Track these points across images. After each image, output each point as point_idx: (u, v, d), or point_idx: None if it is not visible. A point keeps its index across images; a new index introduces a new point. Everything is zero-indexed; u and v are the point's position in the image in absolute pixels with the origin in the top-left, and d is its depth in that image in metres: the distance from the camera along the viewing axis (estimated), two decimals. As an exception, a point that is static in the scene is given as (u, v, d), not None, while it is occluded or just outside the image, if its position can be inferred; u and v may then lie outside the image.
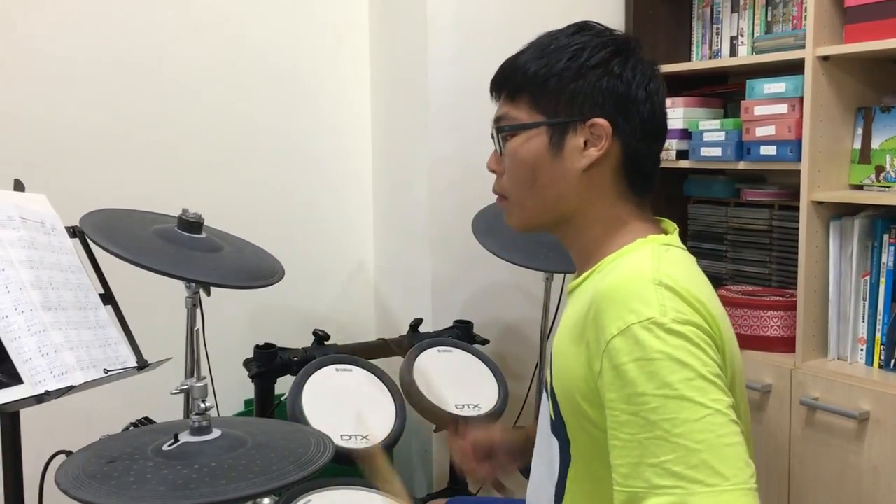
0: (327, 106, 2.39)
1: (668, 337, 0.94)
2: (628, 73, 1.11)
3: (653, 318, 0.95)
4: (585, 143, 1.10)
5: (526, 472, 1.29)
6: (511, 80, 1.14)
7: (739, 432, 0.93)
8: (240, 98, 2.23)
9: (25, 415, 1.32)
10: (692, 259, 1.13)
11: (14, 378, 1.17)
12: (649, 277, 0.99)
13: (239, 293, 2.06)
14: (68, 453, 1.27)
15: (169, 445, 1.21)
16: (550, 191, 1.12)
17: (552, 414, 1.12)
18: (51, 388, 1.19)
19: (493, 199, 1.21)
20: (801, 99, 1.82)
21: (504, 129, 1.14)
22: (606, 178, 1.12)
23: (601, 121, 1.09)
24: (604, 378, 0.98)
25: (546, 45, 1.12)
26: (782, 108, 1.88)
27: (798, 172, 1.82)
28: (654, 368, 0.93)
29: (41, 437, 1.43)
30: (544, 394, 1.18)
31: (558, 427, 1.11)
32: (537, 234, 1.23)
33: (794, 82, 1.86)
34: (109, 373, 1.30)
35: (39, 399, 1.18)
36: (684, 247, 1.15)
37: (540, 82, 1.11)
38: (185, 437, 1.23)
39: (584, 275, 1.13)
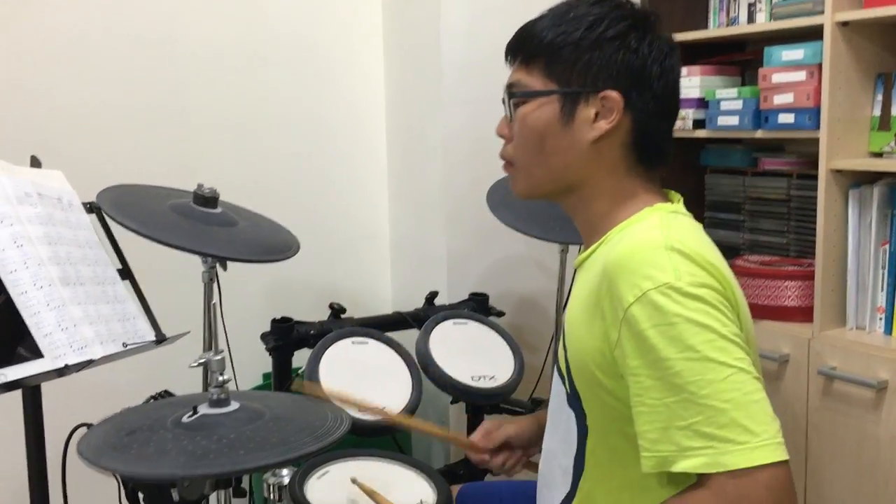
0: (341, 80, 2.38)
1: (685, 300, 0.94)
2: (645, 47, 1.09)
3: (668, 282, 0.95)
4: (596, 115, 1.09)
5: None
6: (526, 46, 1.13)
7: (762, 389, 0.95)
8: (254, 72, 2.23)
9: (47, 390, 1.34)
10: (699, 226, 1.12)
11: (34, 352, 1.18)
12: (660, 243, 0.99)
13: (255, 268, 2.07)
14: (89, 426, 1.29)
15: (188, 417, 1.22)
16: (558, 160, 1.12)
17: (567, 387, 1.13)
18: (70, 362, 1.20)
19: None
20: (820, 66, 1.79)
21: (516, 95, 1.13)
22: (615, 152, 1.11)
23: (613, 94, 1.08)
24: (623, 347, 0.98)
25: (564, 13, 1.11)
26: (801, 76, 1.85)
27: (816, 140, 1.79)
28: (676, 332, 0.93)
29: (63, 411, 1.45)
30: (556, 369, 1.19)
31: (573, 399, 1.11)
32: (551, 204, 1.22)
33: (813, 49, 1.83)
34: (128, 347, 1.31)
35: (60, 373, 1.19)
36: (690, 215, 1.15)
37: (555, 50, 1.10)
38: (203, 410, 1.24)
39: (592, 247, 1.13)
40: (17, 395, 1.31)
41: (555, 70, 1.10)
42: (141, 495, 1.39)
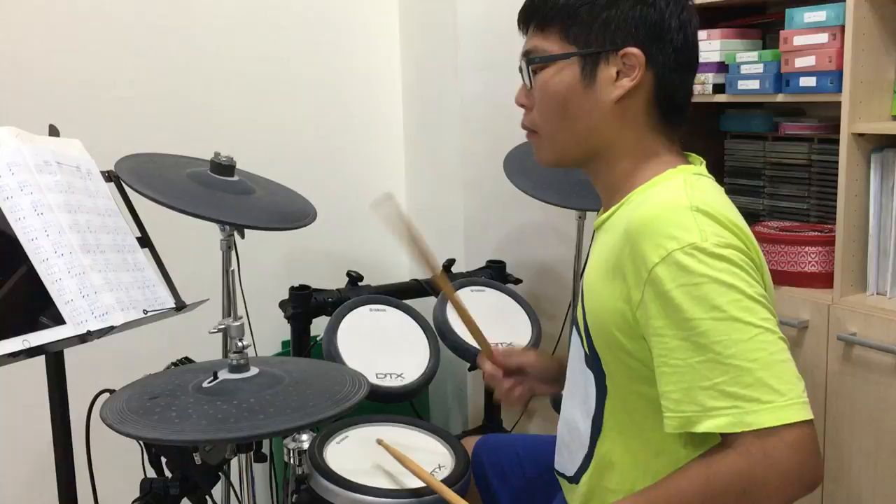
0: (357, 46, 2.37)
1: (711, 261, 0.94)
2: (661, 1, 1.08)
3: (694, 243, 0.95)
4: (618, 73, 1.08)
5: (557, 405, 1.29)
6: (541, 11, 1.12)
7: (787, 349, 0.95)
8: (270, 40, 2.22)
9: (70, 356, 1.36)
10: (722, 189, 1.12)
11: (57, 320, 1.20)
12: (685, 204, 0.99)
13: (273, 236, 2.08)
14: (112, 392, 1.31)
15: (208, 383, 1.24)
16: (582, 123, 1.11)
17: (586, 349, 1.13)
18: (92, 329, 1.21)
19: (525, 138, 1.20)
20: (843, 27, 1.76)
21: (534, 61, 1.12)
22: (639, 110, 1.10)
23: (634, 50, 1.07)
24: (647, 307, 0.98)
25: None
26: (823, 38, 1.82)
27: (838, 104, 1.76)
28: (702, 293, 0.93)
29: (86, 378, 1.47)
30: (574, 331, 1.19)
31: (593, 360, 1.12)
32: (569, 171, 1.22)
33: (836, 10, 1.79)
34: (148, 313, 1.32)
35: (82, 339, 1.21)
36: (713, 178, 1.14)
37: (571, 12, 1.08)
38: (223, 375, 1.26)
39: (613, 208, 1.12)
40: (41, 361, 1.33)
41: (572, 32, 1.09)
42: (164, 459, 1.41)
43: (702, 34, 2.12)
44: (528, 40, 1.15)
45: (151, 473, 1.43)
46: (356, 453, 1.45)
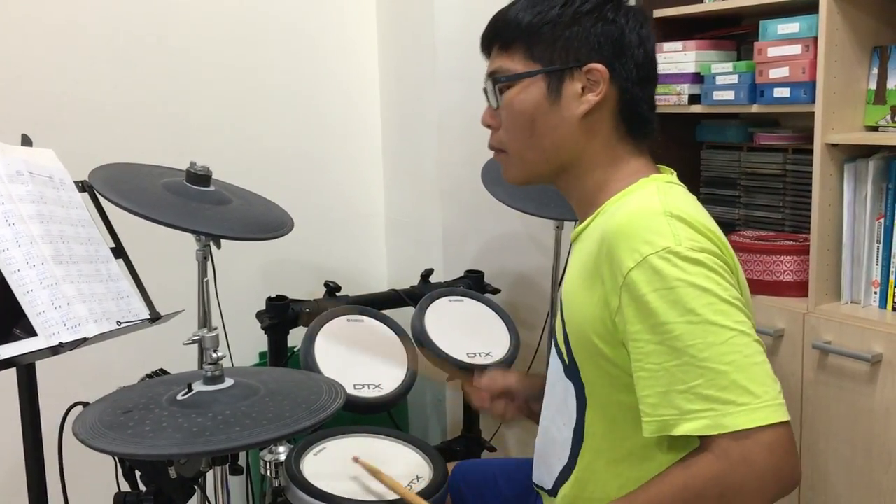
0: (334, 56, 2.36)
1: (685, 265, 0.95)
2: (621, 17, 1.11)
3: (668, 247, 0.96)
4: (583, 88, 1.10)
5: (537, 419, 1.30)
6: (504, 32, 1.14)
7: (763, 351, 0.96)
8: (246, 50, 2.21)
9: (43, 369, 1.34)
10: (694, 197, 1.13)
11: (28, 331, 1.18)
12: (659, 209, 1.00)
13: (250, 246, 2.07)
14: (85, 405, 1.29)
15: (183, 395, 1.22)
16: (549, 139, 1.12)
17: (565, 359, 1.13)
18: (64, 340, 1.20)
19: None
20: (816, 39, 1.78)
21: (501, 81, 1.14)
22: (606, 123, 1.12)
23: (598, 66, 1.09)
24: (624, 312, 0.98)
25: None
26: (796, 49, 1.84)
27: (812, 115, 1.79)
28: (676, 296, 0.94)
29: (59, 391, 1.45)
30: (553, 342, 1.19)
31: (572, 371, 1.12)
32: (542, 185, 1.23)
33: (809, 22, 1.82)
34: (122, 325, 1.31)
35: (54, 351, 1.19)
36: (685, 187, 1.15)
37: (534, 31, 1.11)
38: (198, 387, 1.24)
39: (588, 219, 1.13)
40: (12, 374, 1.31)
41: (536, 51, 1.11)
42: (138, 473, 1.39)
43: (677, 45, 2.15)
44: (491, 61, 1.17)
45: (125, 487, 1.41)
46: (334, 465, 1.44)
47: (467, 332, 1.89)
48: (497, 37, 1.15)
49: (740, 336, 0.93)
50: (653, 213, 1.00)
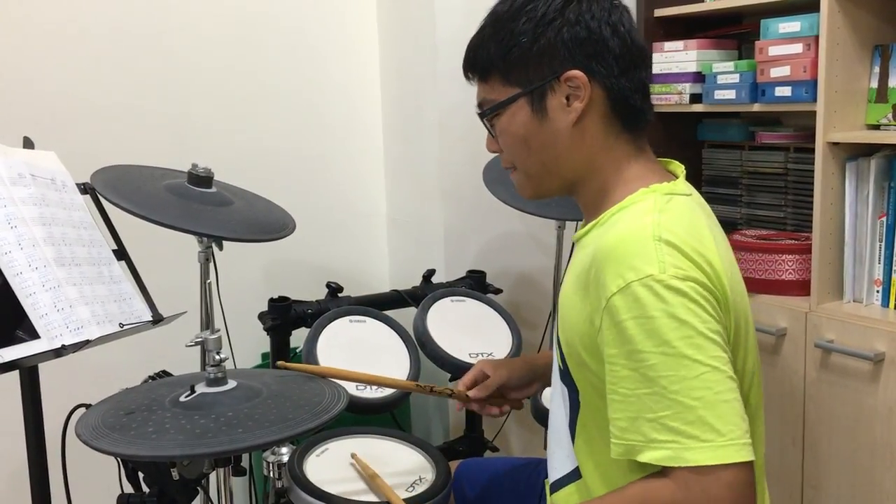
0: (335, 58, 2.36)
1: (667, 294, 0.94)
2: (586, 15, 1.08)
3: (652, 275, 0.95)
4: (568, 98, 1.09)
5: (539, 416, 1.31)
6: (477, 64, 1.15)
7: (736, 388, 0.95)
8: (248, 52, 2.21)
9: (47, 371, 1.34)
10: (698, 205, 1.11)
11: (31, 334, 1.18)
12: (649, 233, 0.99)
13: (252, 247, 2.07)
14: (88, 406, 1.29)
15: (186, 397, 1.22)
16: (548, 154, 1.12)
17: (560, 362, 1.14)
18: (67, 343, 1.20)
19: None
20: (817, 38, 1.78)
21: (487, 113, 1.15)
22: (599, 125, 1.11)
23: (575, 72, 1.07)
24: (604, 334, 0.99)
25: (501, 14, 1.12)
26: (797, 48, 1.84)
27: (813, 113, 1.79)
28: (654, 326, 0.94)
29: (62, 393, 1.45)
30: (554, 343, 1.20)
31: (566, 375, 1.12)
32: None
33: (810, 20, 1.82)
34: (125, 327, 1.31)
35: (56, 353, 1.19)
36: (693, 190, 1.14)
37: (503, 57, 1.10)
38: (201, 389, 1.24)
39: (588, 226, 1.13)
40: (16, 376, 1.31)
41: (511, 75, 1.11)
42: (141, 475, 1.39)
43: (678, 45, 2.15)
44: (477, 92, 1.18)
45: (128, 488, 1.41)
46: (336, 466, 1.44)
47: (469, 332, 1.88)
48: (472, 69, 1.16)
49: (713, 372, 0.93)
50: (642, 236, 0.99)
